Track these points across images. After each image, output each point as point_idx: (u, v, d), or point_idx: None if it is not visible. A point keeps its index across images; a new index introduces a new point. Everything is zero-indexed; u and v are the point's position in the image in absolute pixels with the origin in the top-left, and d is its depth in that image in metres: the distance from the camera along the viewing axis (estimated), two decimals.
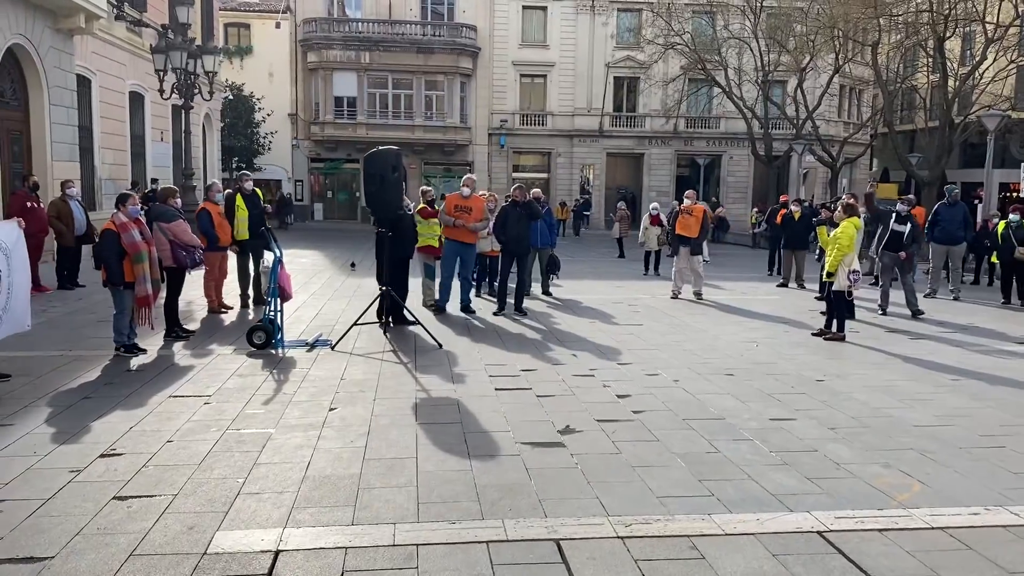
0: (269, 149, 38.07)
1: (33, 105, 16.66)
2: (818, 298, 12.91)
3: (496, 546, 4.02)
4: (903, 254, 12.06)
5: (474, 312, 11.57)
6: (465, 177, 12.47)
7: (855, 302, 10.75)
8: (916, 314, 11.97)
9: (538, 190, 14.43)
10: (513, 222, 11.52)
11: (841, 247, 9.51)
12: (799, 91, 31.60)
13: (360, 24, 38.77)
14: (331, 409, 6.42)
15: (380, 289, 9.47)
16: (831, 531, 4.25)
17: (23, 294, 7.20)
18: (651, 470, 5.14)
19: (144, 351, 8.34)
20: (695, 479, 5.00)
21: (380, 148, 9.24)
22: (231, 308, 11.21)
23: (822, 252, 11.58)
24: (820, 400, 6.99)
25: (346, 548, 3.97)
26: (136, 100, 23.15)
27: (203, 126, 30.29)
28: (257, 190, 12.10)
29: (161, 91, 18.29)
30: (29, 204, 12.40)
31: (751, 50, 32.21)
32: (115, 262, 7.93)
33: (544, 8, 40.35)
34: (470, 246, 11.73)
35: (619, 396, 6.98)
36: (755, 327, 11.02)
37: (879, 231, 12.62)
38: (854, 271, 9.54)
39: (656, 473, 5.09)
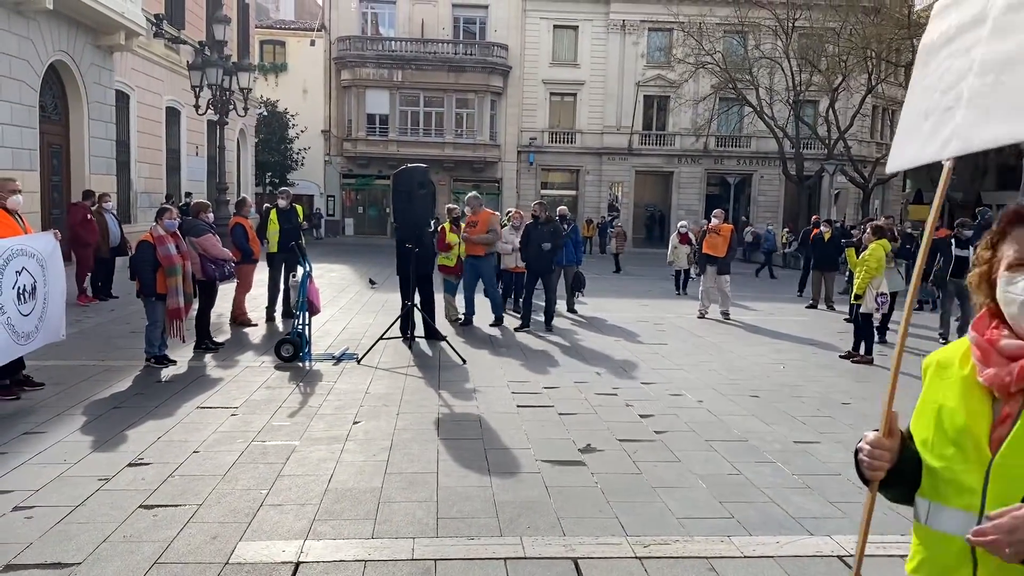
0: (302, 165, 38.55)
1: (73, 119, 17.08)
2: (847, 320, 12.78)
3: (514, 563, 4.04)
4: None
5: (503, 326, 11.66)
6: (468, 196, 12.50)
7: (913, 330, 10.60)
8: None
9: (564, 208, 14.48)
10: (535, 240, 11.57)
11: (869, 269, 9.44)
12: (831, 111, 31.40)
13: (393, 43, 39.25)
14: (355, 422, 6.49)
15: (405, 304, 9.53)
16: (851, 555, 4.22)
17: (59, 304, 7.36)
18: (672, 491, 5.14)
19: (174, 362, 8.48)
20: (716, 501, 4.98)
21: (409, 165, 9.36)
22: (255, 324, 11.30)
23: (852, 274, 11.48)
24: (846, 423, 6.93)
25: (365, 561, 4.01)
26: (172, 115, 23.61)
27: (237, 141, 30.80)
28: (297, 206, 12.30)
29: (197, 107, 18.67)
30: (88, 217, 12.77)
31: (782, 70, 32.09)
32: (149, 274, 8.09)
33: (575, 27, 40.58)
34: (484, 259, 11.81)
35: (642, 416, 6.98)
36: (782, 348, 10.95)
37: (938, 259, 11.95)
38: (882, 293, 9.46)
39: (677, 494, 5.08)
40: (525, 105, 40.49)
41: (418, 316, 9.82)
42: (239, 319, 11.18)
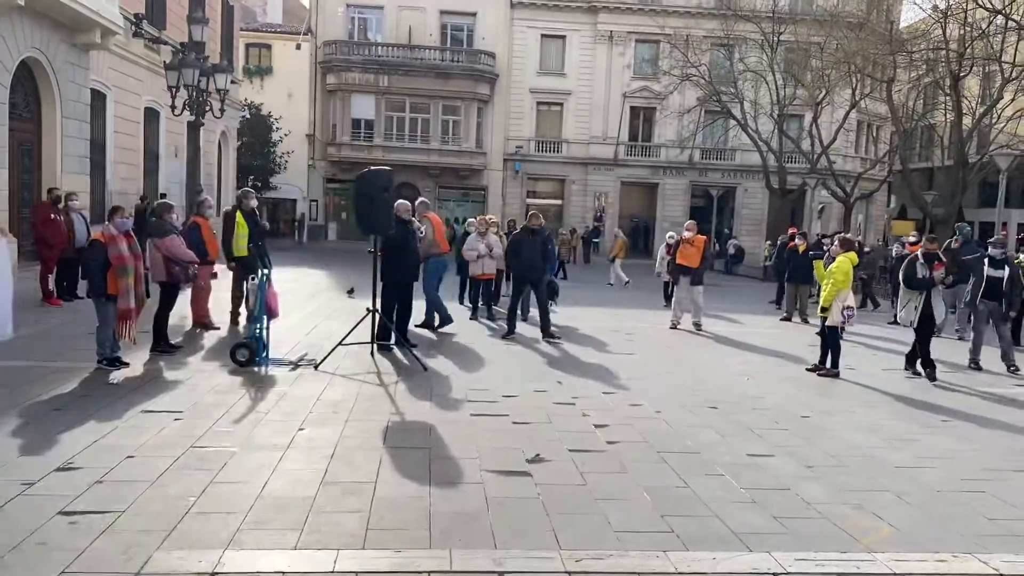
0: (285, 168, 38.35)
1: (46, 117, 16.84)
2: (818, 333, 12.70)
3: None
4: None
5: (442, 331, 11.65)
6: (418, 201, 12.12)
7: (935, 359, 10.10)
8: (1012, 369, 10.78)
9: (539, 215, 14.32)
10: (527, 250, 11.38)
11: (836, 282, 9.37)
12: (814, 126, 31.50)
13: (380, 48, 39.16)
14: (300, 429, 6.33)
15: (367, 310, 9.38)
16: (788, 573, 4.11)
17: (5, 303, 7.19)
18: (614, 503, 5.01)
19: (127, 364, 8.29)
20: (658, 515, 4.86)
21: (371, 168, 9.22)
22: (218, 327, 11.11)
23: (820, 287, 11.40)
24: (802, 437, 6.83)
25: (284, 573, 3.87)
26: (152, 116, 23.38)
27: (219, 143, 30.56)
28: (255, 209, 12.13)
29: (173, 107, 18.47)
30: (52, 216, 12.55)
31: (767, 83, 32.19)
32: (99, 274, 7.92)
33: (563, 37, 40.63)
34: (436, 261, 11.80)
35: (596, 426, 6.85)
36: (750, 360, 10.86)
37: (971, 281, 11.36)
38: (848, 307, 9.39)
39: (619, 507, 4.96)
40: (512, 113, 40.47)
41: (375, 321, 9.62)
42: (200, 322, 10.99)
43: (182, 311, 11.42)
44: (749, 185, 40.91)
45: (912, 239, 19.31)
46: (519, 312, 12.09)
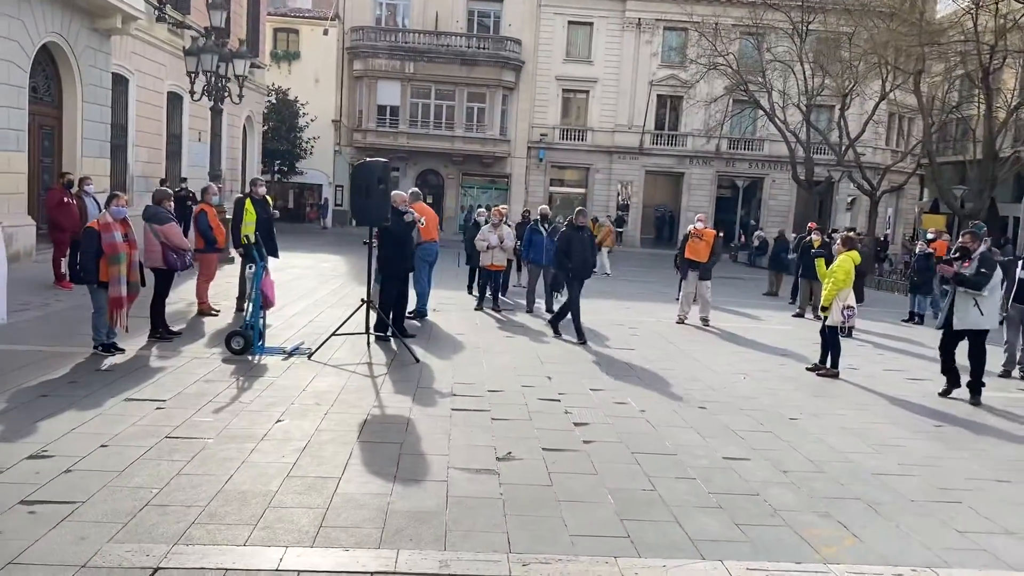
0: (311, 154, 38.57)
1: (66, 102, 17.09)
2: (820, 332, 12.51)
3: None
4: None
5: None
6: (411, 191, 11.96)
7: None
8: None
9: (546, 207, 14.30)
10: (578, 247, 11.02)
11: (836, 281, 9.20)
12: (842, 117, 30.97)
13: (406, 34, 39.14)
14: (278, 421, 6.37)
15: (361, 300, 9.41)
16: None
17: (0, 289, 7.30)
18: (576, 505, 4.98)
19: (122, 350, 8.40)
20: (618, 518, 4.82)
21: (367, 159, 9.22)
22: (217, 313, 11.20)
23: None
24: (785, 440, 6.73)
25: (227, 570, 3.89)
26: (175, 100, 23.64)
27: (244, 128, 30.83)
28: (267, 196, 12.22)
29: (192, 93, 18.61)
30: (65, 200, 12.73)
31: (794, 74, 31.68)
32: (91, 261, 8.01)
33: (590, 24, 40.31)
34: (425, 247, 11.72)
35: (576, 424, 6.81)
36: (752, 358, 10.73)
37: (1004, 284, 10.31)
38: (848, 306, 9.23)
39: (580, 509, 4.92)
40: (537, 101, 40.28)
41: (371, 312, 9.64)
42: (202, 308, 11.10)
43: (189, 297, 11.59)
44: (777, 176, 40.38)
45: (931, 236, 18.99)
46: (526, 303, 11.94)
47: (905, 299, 18.48)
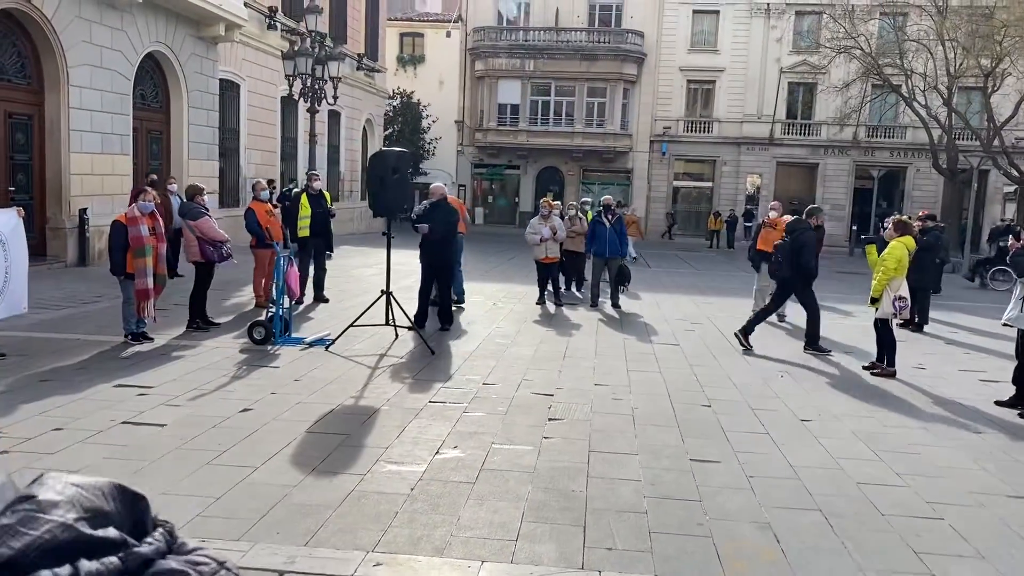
0: (433, 154, 39.33)
1: (173, 107, 18.15)
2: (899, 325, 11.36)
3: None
4: None
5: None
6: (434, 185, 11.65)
7: None
8: None
9: (609, 197, 13.77)
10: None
11: (887, 270, 8.26)
12: (987, 100, 28.27)
13: (526, 32, 39.18)
14: (246, 409, 6.38)
15: (380, 292, 9.36)
16: None
17: (21, 278, 7.75)
18: (483, 505, 4.66)
19: (151, 339, 8.74)
20: (522, 521, 4.46)
21: (383, 149, 9.20)
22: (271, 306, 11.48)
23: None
24: (777, 443, 6.07)
25: None
26: (290, 104, 24.65)
27: (364, 130, 31.82)
28: (325, 192, 12.47)
29: (291, 95, 19.34)
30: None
31: (932, 55, 29.19)
32: (118, 253, 8.36)
33: (716, 12, 38.87)
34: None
35: (551, 419, 6.44)
36: (807, 357, 9.83)
37: None
38: (901, 297, 8.27)
39: (487, 508, 4.60)
40: (660, 93, 39.27)
41: (394, 304, 9.55)
42: (259, 302, 11.42)
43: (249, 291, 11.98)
44: (921, 165, 37.44)
45: None
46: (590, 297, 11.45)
47: None
